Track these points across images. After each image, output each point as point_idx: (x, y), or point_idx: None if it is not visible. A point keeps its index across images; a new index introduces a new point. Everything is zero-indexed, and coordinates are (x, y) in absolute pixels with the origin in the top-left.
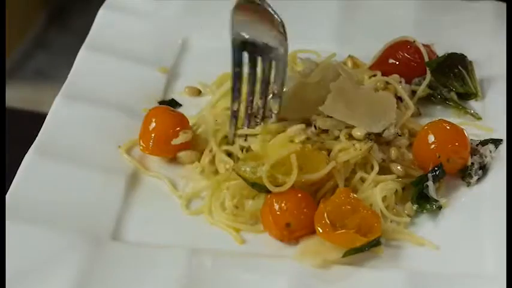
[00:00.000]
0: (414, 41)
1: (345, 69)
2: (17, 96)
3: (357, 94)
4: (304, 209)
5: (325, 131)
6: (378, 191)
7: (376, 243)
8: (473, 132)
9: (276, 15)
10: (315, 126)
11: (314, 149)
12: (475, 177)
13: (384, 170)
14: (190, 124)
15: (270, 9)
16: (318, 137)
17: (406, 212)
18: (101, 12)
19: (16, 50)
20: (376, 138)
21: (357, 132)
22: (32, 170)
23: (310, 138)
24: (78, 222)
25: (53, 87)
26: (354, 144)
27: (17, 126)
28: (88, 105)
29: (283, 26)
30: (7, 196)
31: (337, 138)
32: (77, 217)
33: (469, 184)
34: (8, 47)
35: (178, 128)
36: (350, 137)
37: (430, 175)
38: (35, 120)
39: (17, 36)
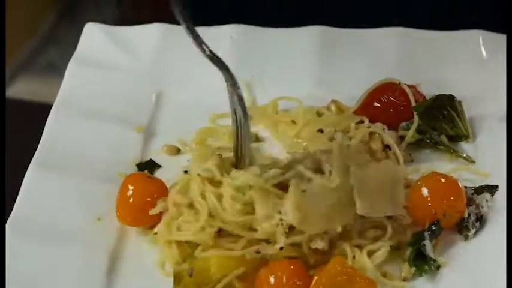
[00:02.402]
0: (399, 83)
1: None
2: (27, 90)
3: (372, 178)
4: (300, 280)
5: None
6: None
7: None
8: (467, 177)
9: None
10: None
11: (255, 263)
12: (473, 230)
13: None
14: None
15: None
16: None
17: (403, 274)
18: (70, 67)
19: (27, 44)
20: None
21: None
22: (7, 251)
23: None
24: None
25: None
26: None
27: (25, 116)
28: (62, 174)
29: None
30: None
31: None
32: None
33: (467, 237)
34: (20, 42)
35: (156, 196)
36: None
37: (426, 233)
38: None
39: (29, 31)
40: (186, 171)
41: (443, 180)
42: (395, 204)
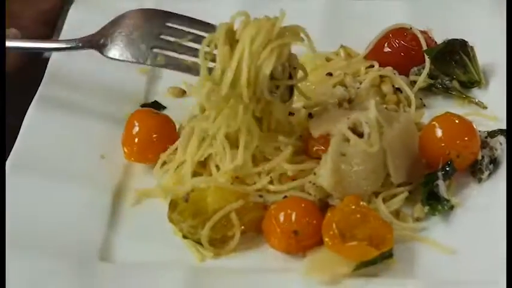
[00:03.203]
0: (411, 28)
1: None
2: None
3: (398, 139)
4: (311, 216)
5: None
6: (381, 204)
7: (388, 256)
8: (480, 122)
9: None
10: None
11: (256, 204)
12: (486, 173)
13: None
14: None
15: None
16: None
17: (415, 215)
18: (72, 10)
19: None
20: None
21: None
22: (8, 188)
23: None
24: (62, 244)
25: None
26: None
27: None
28: (65, 113)
29: None
30: None
31: None
32: (60, 238)
33: (480, 180)
34: None
35: (163, 131)
36: None
37: (440, 173)
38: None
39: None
40: None
41: (457, 120)
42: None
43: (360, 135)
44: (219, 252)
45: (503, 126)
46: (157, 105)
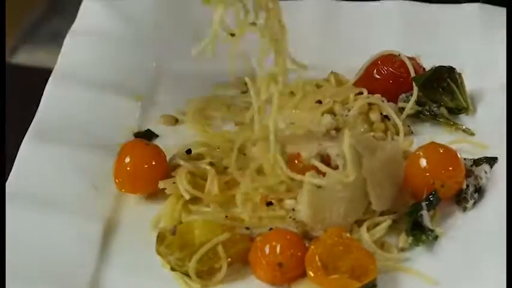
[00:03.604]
0: (399, 55)
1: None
2: (31, 59)
3: (380, 167)
4: (296, 248)
5: None
6: (365, 232)
7: (371, 286)
8: (467, 149)
9: None
10: None
11: (242, 236)
12: (471, 201)
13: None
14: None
15: None
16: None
17: (400, 244)
18: (68, 38)
19: (30, 13)
20: None
21: None
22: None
23: None
24: (51, 275)
25: None
26: None
27: (27, 83)
28: (59, 144)
29: None
30: None
31: None
32: (49, 269)
33: (465, 209)
34: (23, 11)
35: (154, 162)
36: None
37: (424, 204)
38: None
39: (32, 1)
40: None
41: (441, 150)
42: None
43: (336, 167)
44: (206, 284)
45: (490, 154)
46: (149, 134)
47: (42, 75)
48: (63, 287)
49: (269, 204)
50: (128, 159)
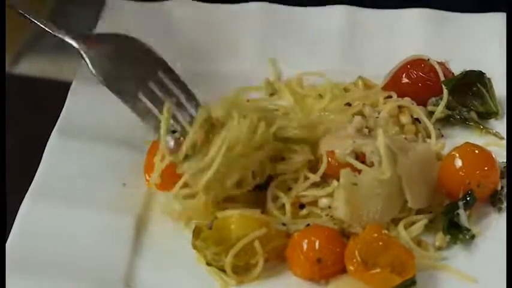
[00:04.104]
0: (428, 59)
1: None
2: (36, 68)
3: (415, 165)
4: (334, 244)
5: None
6: (402, 230)
7: (411, 283)
8: (498, 152)
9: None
10: None
11: (279, 232)
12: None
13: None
14: None
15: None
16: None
17: (437, 243)
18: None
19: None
20: None
21: None
22: (31, 215)
23: None
24: (86, 270)
25: (71, 60)
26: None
27: (35, 93)
28: (87, 141)
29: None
30: (7, 246)
31: None
32: (84, 264)
33: (500, 209)
34: (27, 21)
35: None
36: None
37: (460, 203)
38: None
39: (36, 9)
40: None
41: (476, 150)
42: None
43: (371, 164)
44: (242, 280)
45: None
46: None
47: (45, 84)
48: (98, 282)
49: (301, 206)
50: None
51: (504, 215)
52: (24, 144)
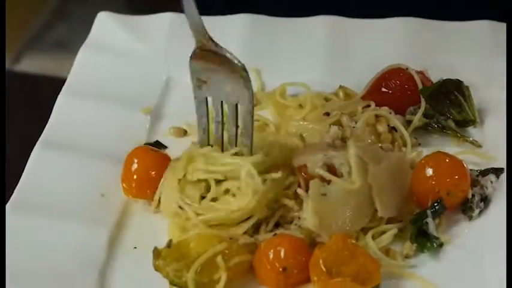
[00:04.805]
0: (407, 68)
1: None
2: (36, 66)
3: (386, 174)
4: (299, 253)
5: None
6: (370, 240)
7: None
8: (474, 160)
9: (236, 60)
10: None
11: (242, 247)
12: (477, 210)
13: None
14: None
15: (228, 55)
16: None
17: (405, 252)
18: (81, 52)
19: (36, 21)
20: None
21: None
22: (10, 226)
23: None
24: (59, 279)
25: (71, 58)
26: None
27: (34, 90)
28: (69, 153)
29: (244, 70)
30: None
31: None
32: (57, 273)
33: (470, 218)
34: (28, 19)
35: (161, 168)
36: None
37: (429, 211)
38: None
39: (37, 8)
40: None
41: (447, 159)
42: (405, 194)
43: (341, 175)
44: None
45: (497, 165)
46: (158, 145)
47: (47, 82)
48: None
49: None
50: (135, 166)
51: (475, 223)
52: (24, 141)
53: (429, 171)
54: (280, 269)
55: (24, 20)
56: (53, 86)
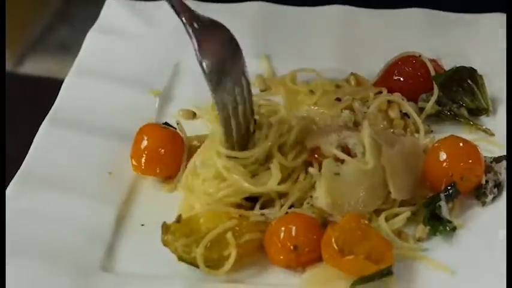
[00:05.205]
0: (420, 56)
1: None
2: (39, 68)
3: (399, 157)
4: (311, 232)
5: None
6: (383, 221)
7: (387, 273)
8: (487, 148)
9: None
10: None
11: (253, 224)
12: (490, 196)
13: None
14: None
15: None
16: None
17: (417, 234)
18: (90, 35)
19: (38, 23)
20: None
21: None
22: (18, 199)
23: None
24: (66, 254)
25: (74, 60)
26: None
27: (38, 92)
28: (77, 131)
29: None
30: None
31: None
32: (64, 248)
33: (484, 203)
34: (30, 21)
35: (171, 145)
36: None
37: (442, 195)
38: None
39: (39, 10)
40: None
41: (461, 143)
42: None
43: (355, 156)
44: (216, 273)
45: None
46: (167, 126)
47: (49, 84)
48: (75, 268)
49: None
50: (145, 142)
51: (488, 209)
52: (25, 143)
53: (443, 155)
54: (291, 247)
55: (27, 22)
56: (56, 88)
